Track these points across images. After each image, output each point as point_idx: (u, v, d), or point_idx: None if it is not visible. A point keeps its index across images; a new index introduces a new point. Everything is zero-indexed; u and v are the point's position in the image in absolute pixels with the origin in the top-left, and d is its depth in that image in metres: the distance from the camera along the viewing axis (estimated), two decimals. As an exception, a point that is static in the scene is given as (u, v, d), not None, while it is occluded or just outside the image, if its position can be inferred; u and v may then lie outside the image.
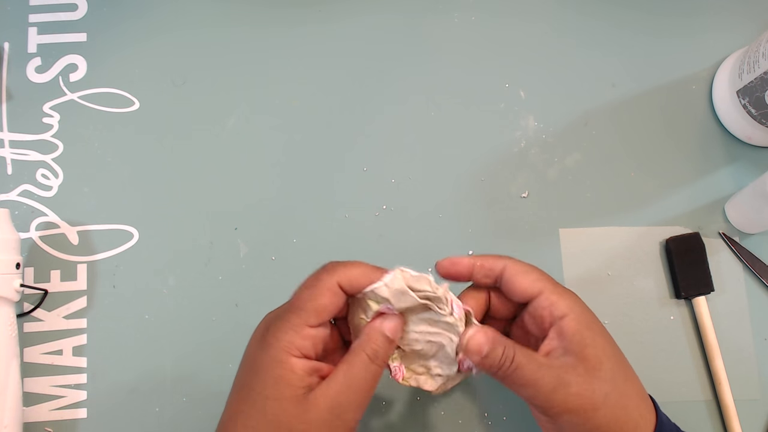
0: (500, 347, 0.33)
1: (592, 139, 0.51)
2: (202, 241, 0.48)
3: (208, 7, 0.53)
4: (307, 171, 0.50)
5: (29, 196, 0.49)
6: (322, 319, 0.33)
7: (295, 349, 0.32)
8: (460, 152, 0.50)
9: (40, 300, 0.47)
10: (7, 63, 0.51)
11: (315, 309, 0.33)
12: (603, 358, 0.34)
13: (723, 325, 0.47)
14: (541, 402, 0.33)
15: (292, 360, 0.32)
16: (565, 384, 0.32)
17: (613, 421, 0.33)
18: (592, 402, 0.32)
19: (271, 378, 0.32)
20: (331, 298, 0.34)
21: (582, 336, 0.34)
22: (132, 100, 0.51)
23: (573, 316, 0.34)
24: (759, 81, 0.45)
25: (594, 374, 0.33)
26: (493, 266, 0.36)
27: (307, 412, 0.32)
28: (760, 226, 0.48)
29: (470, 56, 0.52)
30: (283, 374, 0.32)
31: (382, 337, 0.34)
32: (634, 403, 0.34)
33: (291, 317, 0.33)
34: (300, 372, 0.32)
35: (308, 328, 0.33)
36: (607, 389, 0.33)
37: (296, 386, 0.32)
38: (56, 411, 0.45)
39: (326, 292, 0.34)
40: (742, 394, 0.46)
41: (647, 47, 0.53)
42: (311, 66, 0.52)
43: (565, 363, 0.33)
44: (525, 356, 0.33)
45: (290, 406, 0.32)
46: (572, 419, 0.33)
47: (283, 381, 0.32)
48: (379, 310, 0.35)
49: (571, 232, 0.49)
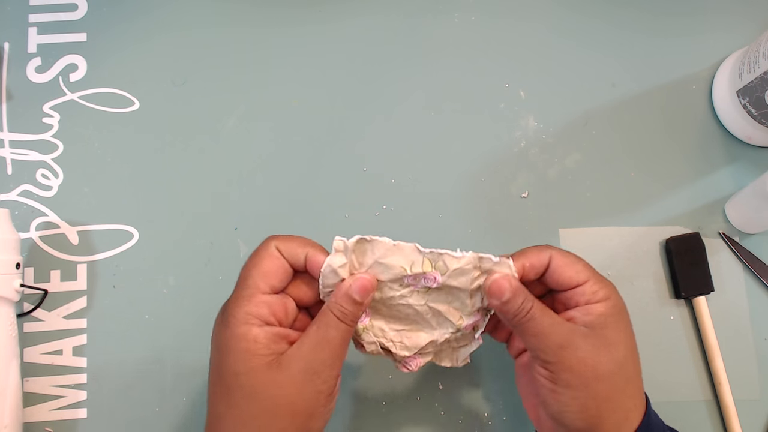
0: (521, 297, 0.34)
1: (592, 139, 0.51)
2: (202, 241, 0.48)
3: (208, 7, 0.53)
4: (307, 171, 0.50)
5: (29, 196, 0.49)
6: (271, 282, 0.34)
7: (253, 318, 0.33)
8: (460, 152, 0.50)
9: (40, 300, 0.47)
10: (7, 63, 0.51)
11: (260, 274, 0.34)
12: (619, 344, 0.34)
13: (723, 325, 0.47)
14: (546, 354, 0.34)
15: (253, 330, 0.33)
16: (574, 345, 0.33)
17: (608, 399, 0.33)
18: (595, 371, 0.33)
19: (237, 353, 0.33)
20: (273, 261, 0.34)
21: (607, 319, 0.34)
22: (132, 100, 0.51)
23: (606, 303, 0.35)
24: (759, 81, 0.45)
25: (605, 350, 0.34)
26: (542, 262, 0.36)
27: (280, 376, 0.32)
28: (760, 226, 0.48)
29: (470, 56, 0.52)
30: (248, 346, 0.32)
31: (350, 299, 0.34)
32: (632, 392, 0.35)
33: (240, 291, 0.34)
34: (264, 340, 0.33)
35: (260, 295, 0.34)
36: (613, 368, 0.34)
37: (263, 354, 0.33)
38: (56, 411, 0.45)
39: (266, 257, 0.34)
40: (742, 394, 0.46)
41: (647, 47, 0.53)
42: (311, 66, 0.52)
43: (580, 330, 0.34)
44: (541, 310, 0.34)
45: (262, 374, 0.32)
46: (572, 380, 0.33)
47: (249, 352, 0.32)
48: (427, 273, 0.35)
49: (571, 232, 0.49)
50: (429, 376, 0.46)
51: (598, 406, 0.33)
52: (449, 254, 0.34)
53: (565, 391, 0.33)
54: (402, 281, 0.36)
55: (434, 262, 0.35)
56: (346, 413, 0.46)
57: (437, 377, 0.46)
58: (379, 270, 0.35)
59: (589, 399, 0.33)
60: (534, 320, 0.34)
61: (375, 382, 0.46)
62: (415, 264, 0.35)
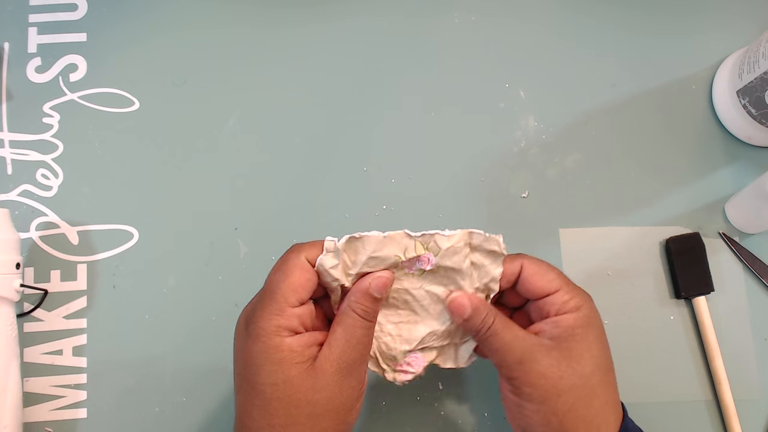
0: (482, 312, 0.35)
1: (592, 139, 0.51)
2: (202, 241, 0.48)
3: (208, 7, 0.53)
4: (307, 171, 0.50)
5: (29, 196, 0.49)
6: (300, 297, 0.34)
7: (284, 330, 0.33)
8: (460, 152, 0.50)
9: (40, 300, 0.47)
10: (7, 63, 0.51)
11: (290, 288, 0.34)
12: (585, 356, 0.34)
13: (723, 325, 0.47)
14: (507, 370, 0.34)
15: (286, 341, 0.33)
16: (533, 359, 0.33)
17: (570, 412, 0.33)
18: (556, 386, 0.33)
19: (272, 365, 0.32)
20: (304, 274, 0.34)
21: (574, 331, 0.34)
22: (132, 100, 0.51)
23: (576, 314, 0.35)
24: (759, 81, 0.45)
25: (568, 364, 0.34)
26: (513, 270, 0.36)
27: (317, 381, 0.33)
28: (760, 226, 0.48)
29: (470, 56, 0.52)
30: (283, 356, 0.32)
31: (369, 297, 0.35)
32: (600, 406, 0.34)
33: (269, 303, 0.33)
34: (298, 348, 0.33)
35: (290, 309, 0.33)
36: (576, 381, 0.33)
37: (298, 362, 0.33)
38: (56, 411, 0.45)
39: (296, 270, 0.34)
40: (742, 394, 0.46)
41: (647, 47, 0.53)
42: (311, 66, 0.52)
43: (543, 343, 0.34)
44: (503, 324, 0.35)
45: (300, 382, 0.32)
46: (533, 394, 0.33)
47: (285, 362, 0.32)
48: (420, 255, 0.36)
49: (571, 232, 0.49)
50: (429, 376, 0.46)
51: (560, 420, 0.33)
52: (440, 234, 0.35)
53: (528, 404, 0.34)
54: (398, 267, 0.36)
55: (426, 244, 0.35)
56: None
57: (437, 377, 0.46)
58: (374, 264, 0.35)
59: (551, 414, 0.33)
60: (496, 335, 0.34)
61: (375, 382, 0.46)
62: (408, 249, 0.35)
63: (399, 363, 0.38)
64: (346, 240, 0.35)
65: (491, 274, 0.36)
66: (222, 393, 0.37)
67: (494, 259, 0.36)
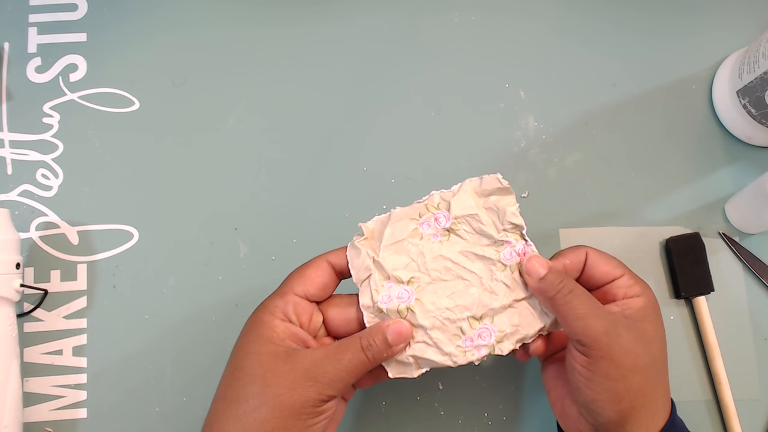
0: (558, 274, 0.35)
1: (592, 139, 0.51)
2: (202, 241, 0.48)
3: (208, 7, 0.53)
4: (307, 171, 0.50)
5: (29, 196, 0.49)
6: (307, 289, 0.35)
7: (279, 311, 0.35)
8: (460, 152, 0.50)
9: (40, 300, 0.47)
10: (7, 63, 0.51)
11: (299, 278, 0.36)
12: (656, 339, 0.35)
13: (723, 325, 0.47)
14: (589, 338, 0.33)
15: (275, 321, 0.34)
16: (617, 334, 0.33)
17: (641, 392, 0.33)
18: (635, 362, 0.33)
19: (253, 336, 0.34)
20: (317, 271, 0.36)
21: (645, 313, 0.35)
22: (132, 100, 0.51)
23: (644, 298, 0.36)
24: (759, 81, 0.45)
25: (644, 343, 0.34)
26: (580, 258, 0.37)
27: (282, 367, 0.33)
28: (760, 226, 0.48)
29: (470, 56, 0.52)
30: (264, 332, 0.34)
31: (382, 337, 0.35)
32: (663, 389, 0.35)
33: (280, 289, 0.36)
34: (281, 333, 0.34)
35: (292, 295, 0.35)
36: (649, 362, 0.34)
37: (276, 344, 0.34)
38: (56, 411, 0.45)
39: (314, 266, 0.36)
40: (742, 394, 0.46)
41: (647, 47, 0.53)
42: (311, 66, 0.52)
43: (623, 320, 0.34)
44: (585, 293, 0.35)
45: (267, 359, 0.33)
46: (609, 370, 0.33)
47: (263, 337, 0.34)
48: (434, 213, 0.38)
49: (571, 232, 0.49)
50: (429, 376, 0.46)
51: (632, 398, 0.33)
52: (443, 191, 0.38)
53: (602, 380, 0.33)
54: (420, 234, 0.38)
55: (435, 204, 0.38)
56: (346, 413, 0.46)
57: (437, 377, 0.46)
58: (394, 232, 0.37)
59: (625, 390, 0.33)
60: (578, 299, 0.34)
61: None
62: (421, 212, 0.38)
63: (468, 337, 0.37)
64: (374, 220, 0.38)
65: (509, 210, 0.37)
66: (222, 393, 0.38)
67: (504, 195, 0.38)
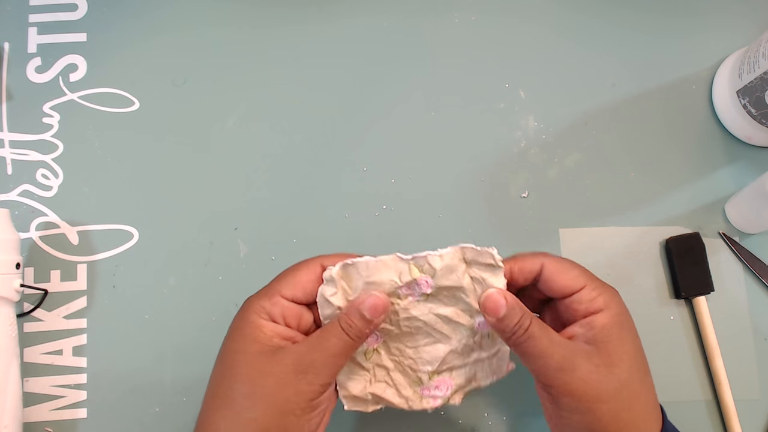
0: (518, 312, 0.33)
1: (592, 139, 0.51)
2: (202, 241, 0.48)
3: (208, 7, 0.53)
4: (307, 171, 0.50)
5: (29, 196, 0.49)
6: (295, 293, 0.35)
7: (265, 313, 0.34)
8: (460, 152, 0.50)
9: (40, 300, 0.47)
10: (7, 63, 0.51)
11: (290, 281, 0.35)
12: (624, 357, 0.33)
13: (723, 325, 0.47)
14: (545, 378, 0.33)
15: (261, 321, 0.34)
16: (573, 366, 0.32)
17: (616, 420, 0.32)
18: (598, 393, 0.32)
19: (239, 335, 0.34)
20: (308, 275, 0.35)
21: (609, 332, 0.33)
22: (132, 100, 0.51)
23: (607, 313, 0.34)
24: (759, 81, 0.45)
25: (608, 369, 0.33)
26: (532, 268, 0.36)
27: (270, 365, 0.33)
28: (760, 226, 0.48)
29: (470, 56, 0.52)
30: (250, 332, 0.34)
31: (359, 315, 0.34)
32: (641, 408, 0.34)
33: (266, 288, 0.35)
34: (268, 332, 0.34)
35: (280, 297, 0.35)
36: (617, 386, 0.33)
37: (263, 343, 0.33)
38: (56, 411, 0.45)
39: (306, 269, 0.35)
40: (742, 394, 0.46)
41: (647, 47, 0.53)
42: (311, 66, 0.52)
43: (582, 348, 0.33)
44: (540, 328, 0.33)
45: (254, 359, 0.33)
46: (573, 404, 0.32)
47: (250, 337, 0.34)
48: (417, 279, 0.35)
49: (571, 232, 0.49)
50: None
51: (604, 427, 0.32)
52: (430, 254, 0.34)
53: (569, 415, 0.33)
54: (398, 294, 0.36)
55: (420, 267, 0.34)
56: (345, 414, 0.46)
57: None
58: (371, 290, 0.35)
59: (596, 421, 0.32)
60: (533, 339, 0.33)
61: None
62: (403, 273, 0.35)
63: (426, 387, 0.38)
64: (340, 267, 0.34)
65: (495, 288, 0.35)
66: (222, 393, 0.38)
67: (493, 272, 0.35)
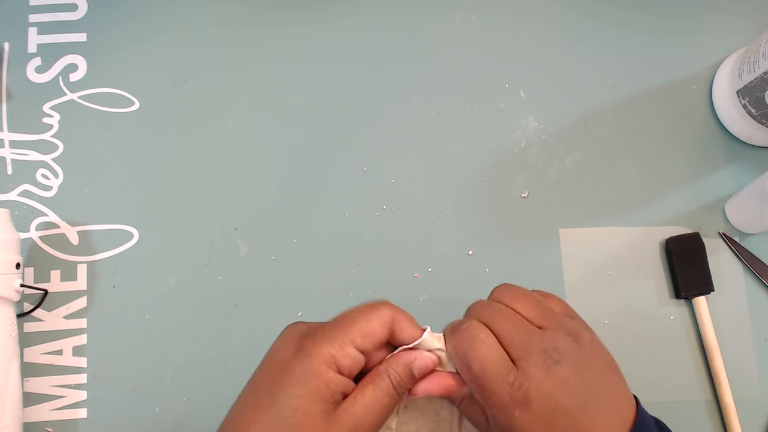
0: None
1: (592, 139, 0.51)
2: (202, 241, 0.48)
3: (208, 7, 0.53)
4: (307, 171, 0.50)
5: (29, 196, 0.49)
6: (367, 344, 0.32)
7: (335, 364, 0.31)
8: (460, 152, 0.50)
9: (40, 300, 0.47)
10: (7, 63, 0.51)
11: (365, 331, 0.32)
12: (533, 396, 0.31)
13: (723, 325, 0.47)
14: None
15: (330, 374, 0.31)
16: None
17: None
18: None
19: (305, 389, 0.31)
20: (382, 327, 0.33)
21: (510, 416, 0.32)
22: (132, 100, 0.51)
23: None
24: (759, 81, 0.45)
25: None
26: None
27: (331, 427, 0.31)
28: (760, 227, 0.48)
29: (470, 56, 0.52)
30: (319, 387, 0.31)
31: (408, 371, 0.33)
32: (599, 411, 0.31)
33: (337, 333, 0.32)
34: (334, 387, 0.31)
35: (352, 348, 0.32)
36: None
37: (328, 402, 0.31)
38: (56, 411, 0.45)
39: (378, 320, 0.33)
40: (742, 394, 0.46)
41: (647, 47, 0.53)
42: (311, 66, 0.52)
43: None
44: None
45: (318, 420, 0.31)
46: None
47: (318, 394, 0.31)
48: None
49: (571, 232, 0.49)
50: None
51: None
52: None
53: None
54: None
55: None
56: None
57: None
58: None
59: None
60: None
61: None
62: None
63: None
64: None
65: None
66: (222, 394, 0.37)
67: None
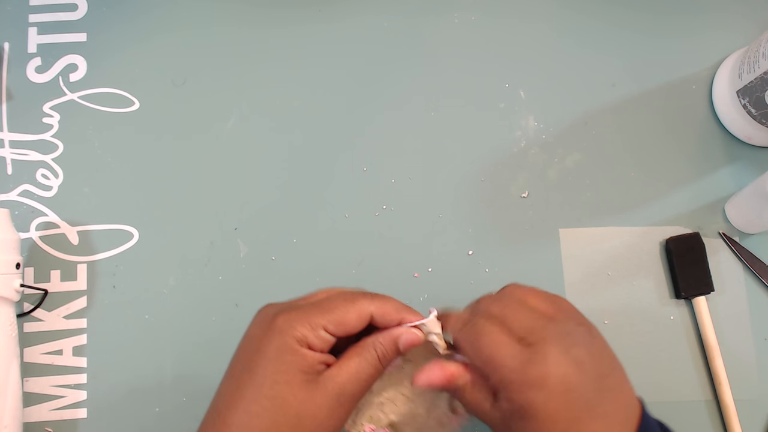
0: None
1: (592, 139, 0.51)
2: (202, 241, 0.48)
3: (208, 7, 0.53)
4: (307, 171, 0.50)
5: (29, 196, 0.49)
6: (339, 332, 0.34)
7: (306, 343, 0.33)
8: (460, 152, 0.50)
9: (40, 300, 0.47)
10: (7, 63, 0.51)
11: (340, 320, 0.33)
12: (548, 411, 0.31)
13: (723, 325, 0.47)
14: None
15: (303, 350, 0.33)
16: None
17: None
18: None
19: (282, 363, 0.32)
20: (357, 321, 0.34)
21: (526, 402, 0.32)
22: (132, 100, 0.51)
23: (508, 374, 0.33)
24: (759, 81, 0.45)
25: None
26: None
27: (314, 396, 0.32)
28: (760, 226, 0.48)
29: (470, 56, 0.52)
30: (295, 360, 0.32)
31: (394, 345, 0.35)
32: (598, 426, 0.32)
33: (313, 314, 0.33)
34: (311, 360, 0.33)
35: (324, 332, 0.33)
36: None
37: (307, 372, 0.32)
38: (56, 411, 0.45)
39: (355, 314, 0.34)
40: (742, 394, 0.46)
41: (647, 47, 0.53)
42: (311, 66, 0.52)
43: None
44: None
45: (300, 390, 0.32)
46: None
47: (295, 366, 0.32)
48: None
49: (571, 232, 0.49)
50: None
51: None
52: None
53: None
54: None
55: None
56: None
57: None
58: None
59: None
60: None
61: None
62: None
63: (365, 427, 0.38)
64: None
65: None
66: (222, 393, 0.38)
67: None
